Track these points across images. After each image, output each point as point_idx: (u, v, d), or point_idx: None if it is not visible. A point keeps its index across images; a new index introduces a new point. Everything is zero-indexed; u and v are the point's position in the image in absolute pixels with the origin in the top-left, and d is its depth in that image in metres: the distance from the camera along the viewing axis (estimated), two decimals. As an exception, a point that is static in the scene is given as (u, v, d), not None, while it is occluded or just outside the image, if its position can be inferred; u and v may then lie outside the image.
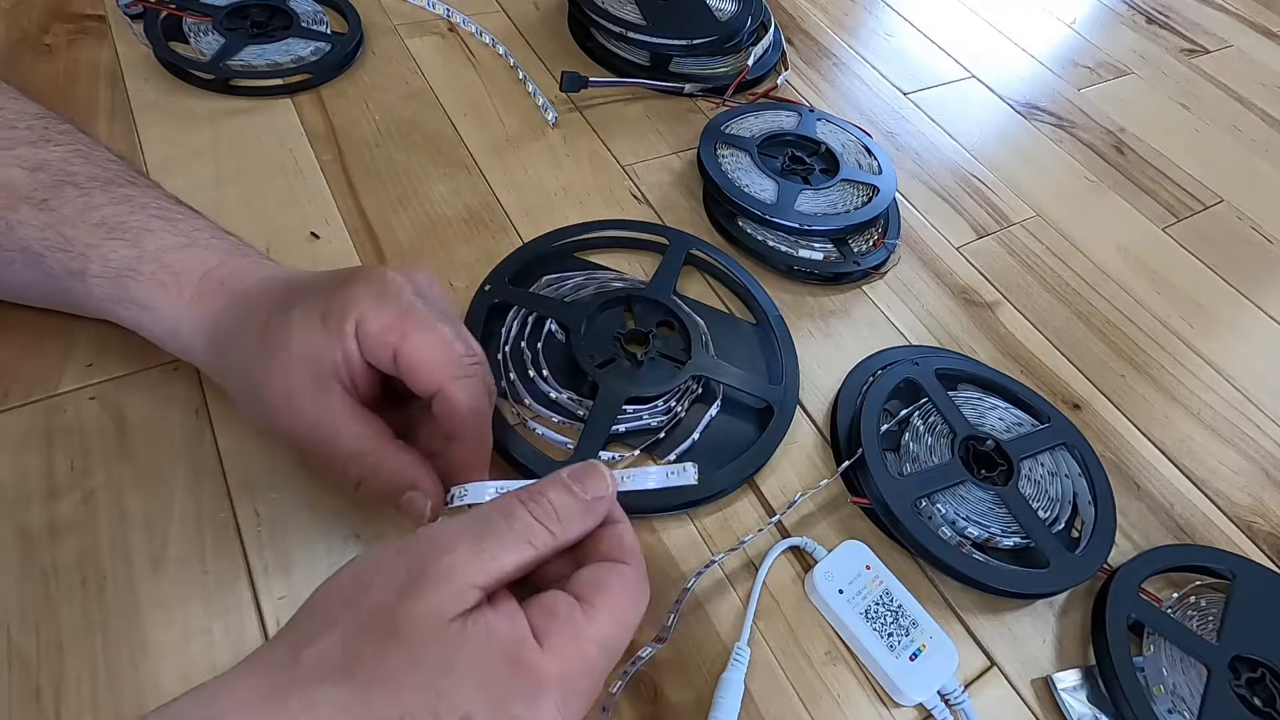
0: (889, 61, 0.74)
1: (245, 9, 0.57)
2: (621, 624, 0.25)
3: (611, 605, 0.25)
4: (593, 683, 0.24)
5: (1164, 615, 0.38)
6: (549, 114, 0.58)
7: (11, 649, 0.30)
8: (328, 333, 0.30)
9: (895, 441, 0.43)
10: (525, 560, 0.24)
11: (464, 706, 0.21)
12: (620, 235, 0.50)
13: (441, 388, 0.30)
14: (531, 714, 0.22)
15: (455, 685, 0.21)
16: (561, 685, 0.22)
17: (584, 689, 0.24)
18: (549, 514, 0.25)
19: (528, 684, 0.22)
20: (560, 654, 0.23)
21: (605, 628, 0.24)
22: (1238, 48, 0.90)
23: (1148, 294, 0.58)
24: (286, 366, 0.30)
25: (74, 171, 0.34)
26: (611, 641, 0.25)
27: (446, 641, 0.22)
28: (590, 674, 0.24)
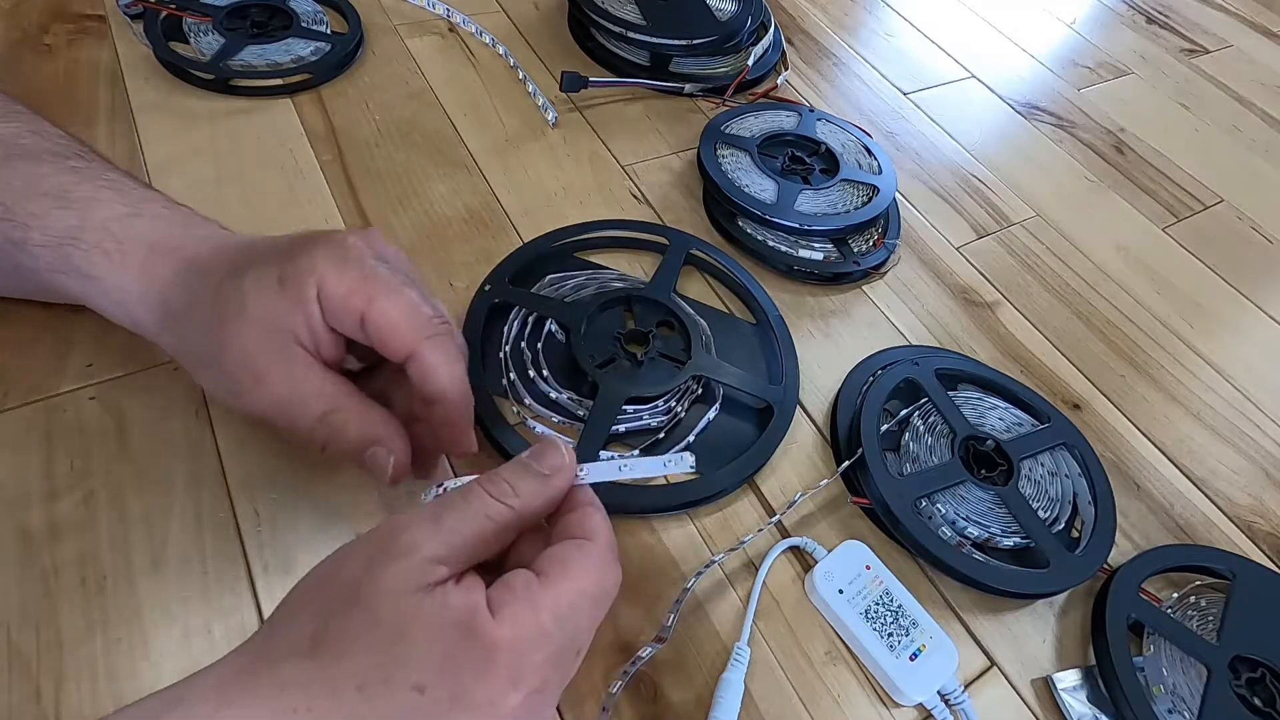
0: (889, 61, 0.74)
1: (245, 9, 0.57)
2: (582, 594, 0.24)
3: (571, 578, 0.24)
4: (550, 655, 0.23)
5: (1164, 615, 0.38)
6: (549, 114, 0.58)
7: (11, 649, 0.30)
8: (286, 297, 0.29)
9: (895, 441, 0.43)
10: (484, 533, 0.25)
11: (415, 674, 0.21)
12: (620, 235, 0.50)
13: (415, 351, 0.30)
14: (482, 682, 0.22)
15: (407, 652, 0.21)
16: (513, 653, 0.22)
17: (540, 661, 0.23)
18: (505, 490, 0.26)
19: (478, 651, 0.22)
20: (512, 621, 0.23)
21: (562, 599, 0.24)
22: (1238, 48, 0.90)
23: (1148, 294, 0.58)
24: (243, 332, 0.29)
25: (24, 144, 0.33)
26: (570, 613, 0.24)
27: (403, 612, 0.22)
28: (545, 644, 0.23)
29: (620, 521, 0.38)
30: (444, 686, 0.21)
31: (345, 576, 0.23)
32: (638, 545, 0.38)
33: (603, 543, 0.26)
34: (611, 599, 0.26)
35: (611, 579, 0.26)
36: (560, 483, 0.27)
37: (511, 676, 0.22)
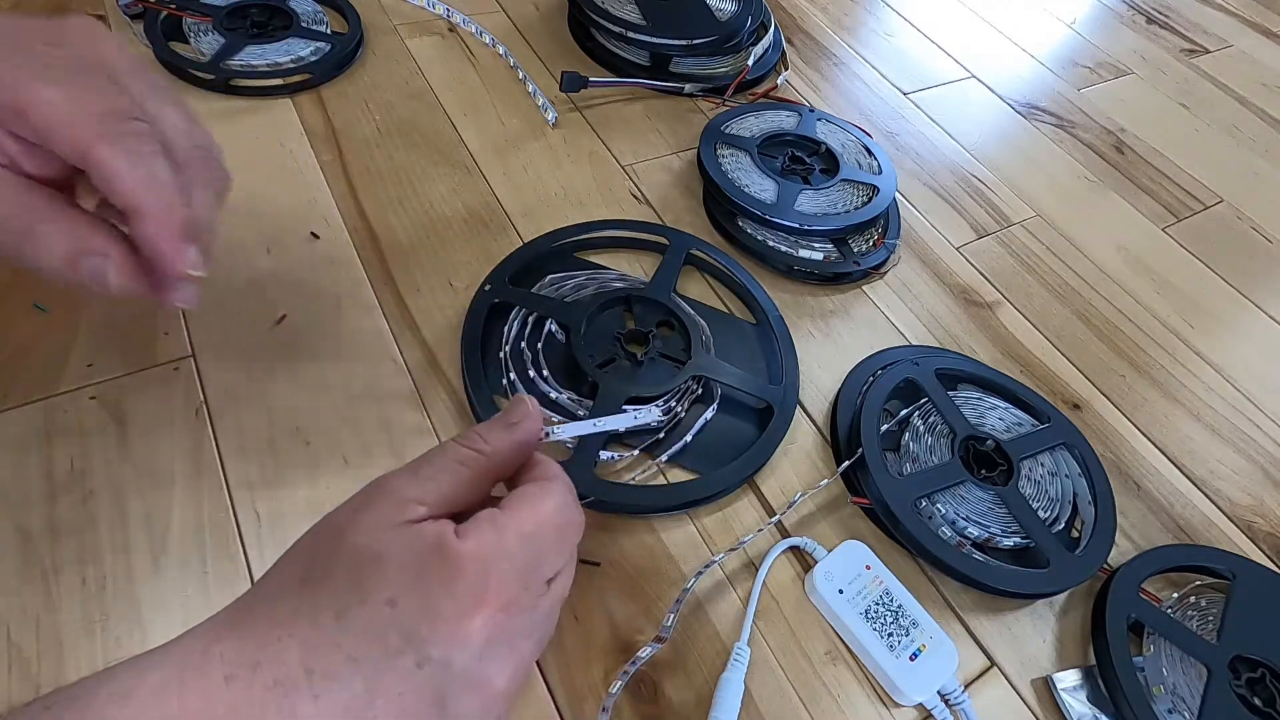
0: (889, 61, 0.74)
1: (245, 9, 0.57)
2: (540, 519, 0.25)
3: (530, 504, 0.26)
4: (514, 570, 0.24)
5: (1164, 615, 0.38)
6: (549, 114, 0.58)
7: (11, 649, 0.30)
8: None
9: (895, 441, 0.43)
10: (460, 478, 0.26)
11: (388, 591, 0.23)
12: (620, 235, 0.50)
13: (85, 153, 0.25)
14: (449, 593, 0.23)
15: (381, 572, 0.23)
16: (477, 564, 0.23)
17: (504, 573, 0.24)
18: (475, 440, 0.27)
19: (444, 565, 0.23)
20: (477, 539, 0.24)
21: (524, 522, 0.25)
22: (1238, 48, 0.90)
23: (1148, 294, 0.58)
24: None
25: None
26: (531, 534, 0.25)
27: (381, 541, 0.23)
28: (508, 559, 0.24)
29: (620, 521, 0.38)
30: (413, 599, 0.23)
31: (332, 524, 0.25)
32: (638, 545, 0.38)
33: (561, 484, 0.27)
34: (575, 534, 0.27)
35: (571, 513, 0.27)
36: (527, 429, 0.28)
37: (476, 588, 0.23)
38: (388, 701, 0.22)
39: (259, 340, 0.41)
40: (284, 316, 0.42)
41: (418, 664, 0.22)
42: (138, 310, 0.41)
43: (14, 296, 0.40)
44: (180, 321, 0.41)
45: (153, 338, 0.40)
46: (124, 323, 0.40)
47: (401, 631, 0.22)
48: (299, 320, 0.42)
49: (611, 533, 0.38)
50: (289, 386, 0.40)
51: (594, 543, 0.37)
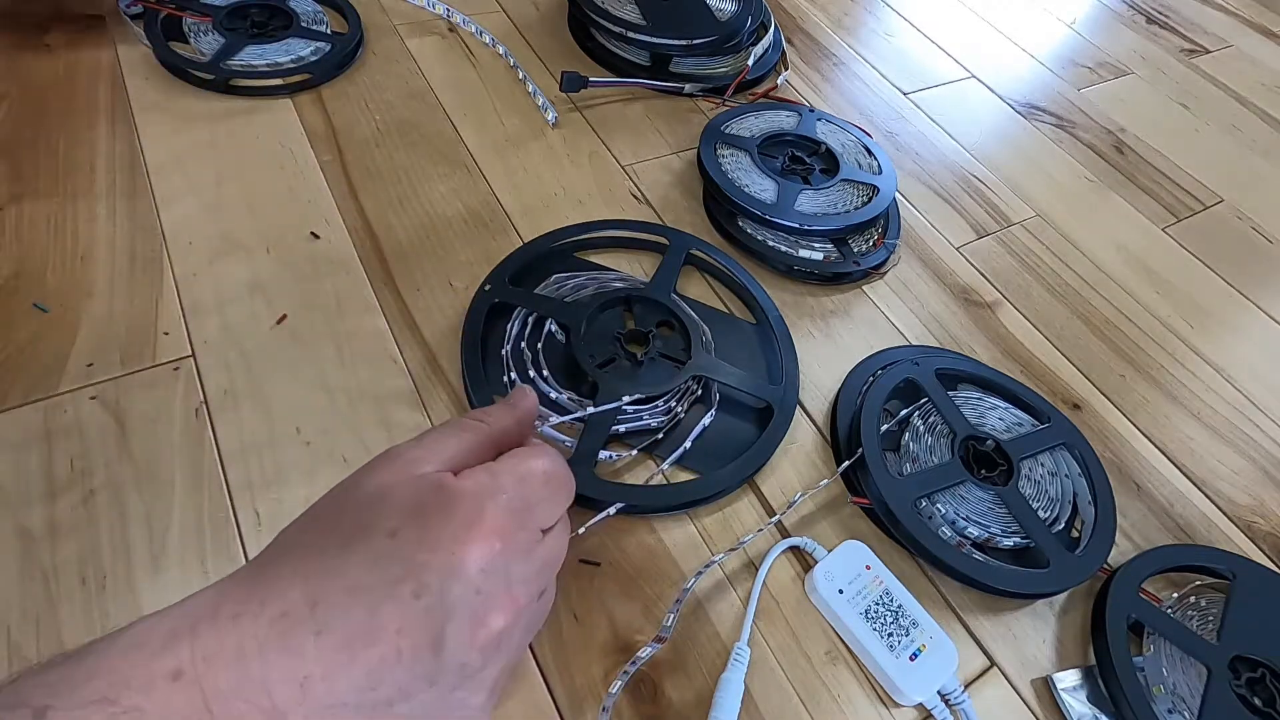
0: (889, 61, 0.74)
1: (245, 9, 0.57)
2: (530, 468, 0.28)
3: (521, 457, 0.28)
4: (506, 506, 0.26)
5: (1164, 615, 0.38)
6: (549, 114, 0.58)
7: (11, 649, 0.30)
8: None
9: (895, 441, 0.43)
10: (464, 443, 0.28)
11: (390, 522, 0.24)
12: (620, 235, 0.50)
13: None
14: (446, 522, 0.24)
15: (384, 507, 0.25)
16: (472, 498, 0.25)
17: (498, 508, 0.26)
18: (479, 413, 0.30)
19: (442, 498, 0.25)
20: (472, 478, 0.26)
21: (515, 466, 0.27)
22: (1238, 48, 0.90)
23: (1148, 294, 0.58)
24: None
25: None
26: (524, 477, 0.27)
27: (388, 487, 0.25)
28: (500, 495, 0.26)
29: (620, 521, 0.38)
30: (412, 528, 0.24)
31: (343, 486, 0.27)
32: (638, 545, 0.38)
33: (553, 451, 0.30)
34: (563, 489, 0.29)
35: (561, 469, 0.29)
36: (526, 407, 0.31)
37: (471, 517, 0.25)
38: (386, 637, 0.23)
39: (259, 340, 0.41)
40: (284, 316, 0.42)
41: (415, 593, 0.23)
42: (138, 310, 0.41)
43: (14, 296, 0.40)
44: (180, 321, 0.41)
45: (153, 338, 0.40)
46: (124, 323, 0.40)
47: (401, 559, 0.24)
48: (299, 320, 0.42)
49: (611, 533, 0.38)
50: (289, 386, 0.40)
51: (594, 543, 0.37)
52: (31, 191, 0.45)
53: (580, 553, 0.37)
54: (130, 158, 0.48)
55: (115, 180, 0.47)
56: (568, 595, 0.35)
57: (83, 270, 0.42)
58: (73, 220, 0.44)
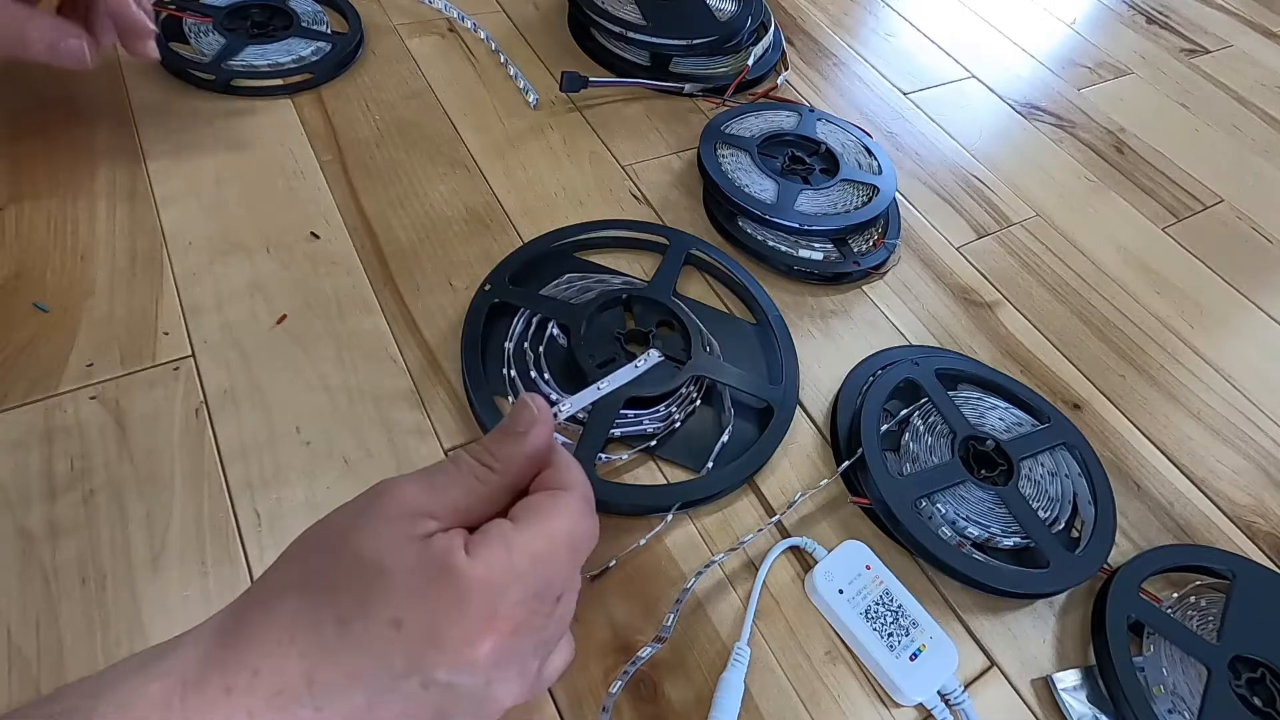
0: (889, 61, 0.74)
1: (245, 9, 0.57)
2: (553, 538, 0.25)
3: (542, 520, 0.25)
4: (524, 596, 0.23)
5: (1164, 615, 0.38)
6: (530, 96, 0.58)
7: (11, 649, 0.30)
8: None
9: (895, 441, 0.43)
10: (474, 494, 0.25)
11: (392, 609, 0.22)
12: (620, 235, 0.50)
13: None
14: (457, 619, 0.22)
15: (385, 588, 0.22)
16: (486, 590, 0.23)
17: (514, 600, 0.23)
18: (488, 454, 0.26)
19: (453, 589, 0.22)
20: (486, 562, 0.23)
21: (535, 540, 0.24)
22: (1238, 48, 0.90)
23: (1148, 294, 0.58)
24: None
25: None
26: (542, 554, 0.24)
27: (386, 551, 0.23)
28: (519, 584, 0.23)
29: (620, 521, 0.38)
30: (419, 621, 0.22)
31: (335, 525, 0.24)
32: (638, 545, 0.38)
33: (578, 493, 0.26)
34: (588, 547, 0.26)
35: (586, 526, 0.26)
36: (538, 436, 0.27)
37: (484, 614, 0.22)
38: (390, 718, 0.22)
39: (259, 340, 0.41)
40: (284, 316, 0.42)
41: (423, 685, 0.22)
42: (138, 310, 0.41)
43: (14, 296, 0.40)
44: (180, 321, 0.41)
45: (153, 338, 0.40)
46: (124, 323, 0.40)
47: (406, 655, 0.22)
48: (299, 320, 0.42)
49: (612, 533, 0.38)
50: (289, 386, 0.40)
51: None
52: (31, 191, 0.45)
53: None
54: (131, 158, 0.48)
55: (115, 180, 0.47)
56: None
57: (83, 270, 0.42)
58: (73, 220, 0.44)
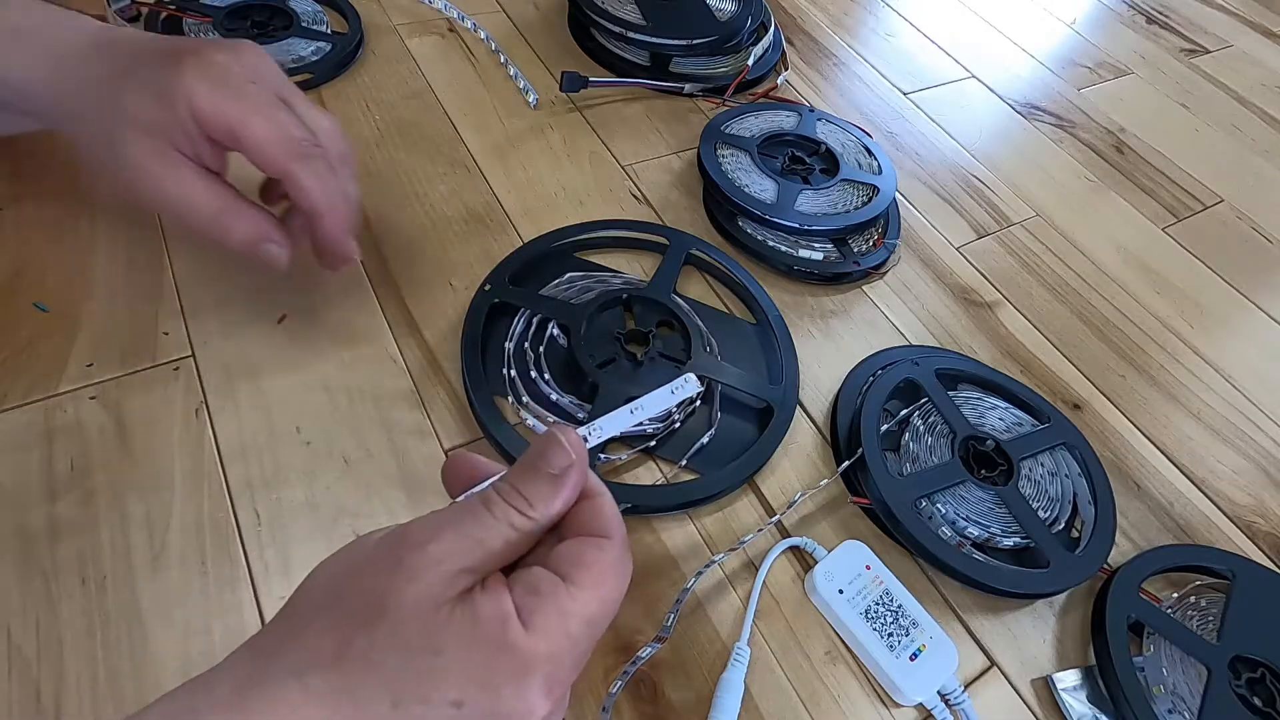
0: (889, 61, 0.74)
1: (245, 9, 0.57)
2: (605, 600, 0.24)
3: (595, 583, 0.24)
4: (577, 659, 0.24)
5: (1164, 615, 0.38)
6: (530, 95, 0.58)
7: (11, 649, 0.30)
8: (163, 109, 0.32)
9: (895, 441, 0.43)
10: (512, 541, 0.24)
11: (453, 692, 0.21)
12: (620, 235, 0.50)
13: (286, 171, 0.33)
14: (520, 693, 0.22)
15: (443, 669, 0.21)
16: (549, 664, 0.22)
17: (569, 664, 0.23)
18: (522, 500, 0.25)
19: (514, 665, 0.22)
20: (546, 634, 0.23)
21: (589, 605, 0.24)
22: (1238, 48, 0.90)
23: (1148, 294, 0.58)
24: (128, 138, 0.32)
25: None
26: (596, 618, 0.24)
27: (434, 626, 0.22)
28: (575, 650, 0.23)
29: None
30: (482, 701, 0.22)
31: (367, 586, 0.23)
32: (638, 545, 0.38)
33: (619, 540, 0.26)
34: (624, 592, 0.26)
35: (628, 576, 0.26)
36: (574, 479, 0.26)
37: (547, 685, 0.22)
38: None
39: (259, 340, 0.41)
40: (284, 316, 0.42)
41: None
42: (138, 310, 0.41)
43: (14, 296, 0.40)
44: (180, 321, 0.41)
45: (153, 338, 0.40)
46: (124, 323, 0.40)
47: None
48: (299, 320, 0.42)
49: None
50: (289, 386, 0.40)
51: (594, 543, 0.37)
52: (32, 192, 0.45)
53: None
54: (130, 158, 0.48)
55: (115, 180, 0.47)
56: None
57: (83, 270, 0.42)
58: (73, 220, 0.44)
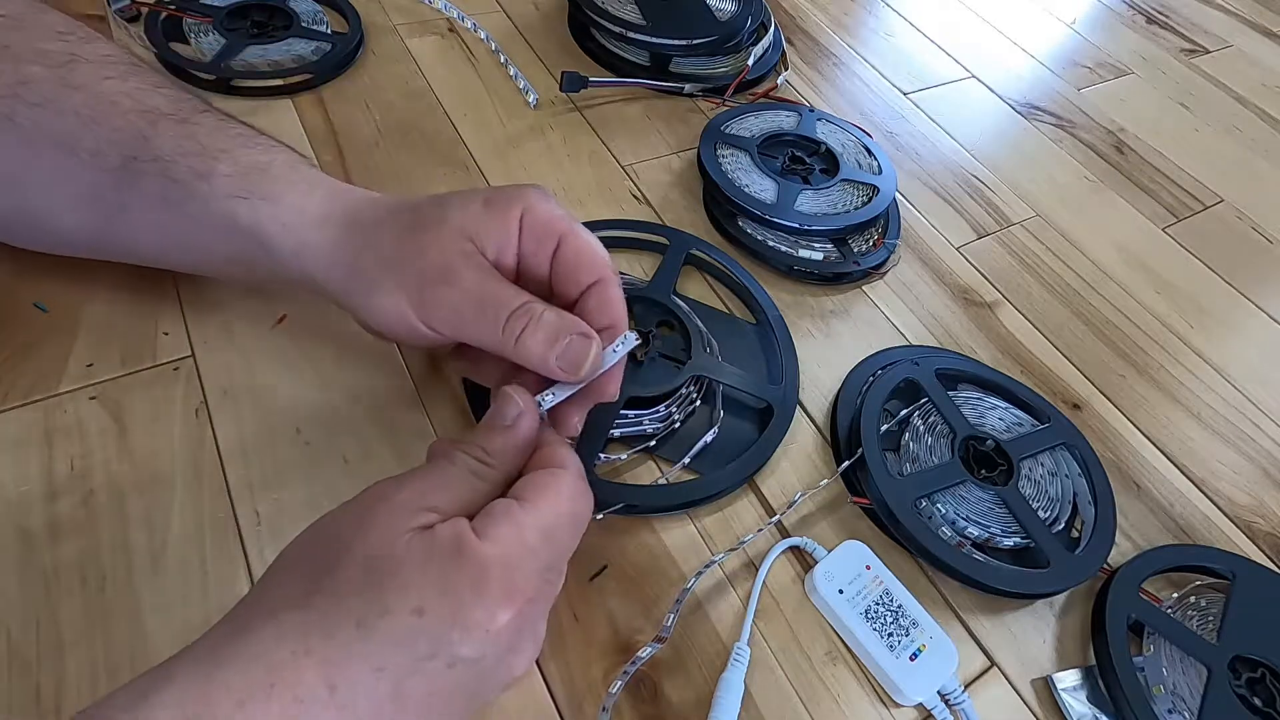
0: (889, 61, 0.74)
1: (245, 9, 0.57)
2: (560, 514, 0.26)
3: (548, 499, 0.26)
4: (537, 569, 0.25)
5: (1164, 615, 0.38)
6: (530, 96, 0.58)
7: (11, 649, 0.30)
8: (492, 215, 0.32)
9: (895, 441, 0.43)
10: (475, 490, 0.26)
11: (413, 599, 0.23)
12: (620, 235, 0.50)
13: (604, 278, 0.33)
14: (478, 599, 0.23)
15: (403, 582, 0.23)
16: (504, 568, 0.24)
17: (529, 574, 0.24)
18: (481, 450, 0.27)
19: (470, 570, 0.23)
20: (499, 541, 0.24)
21: (543, 517, 0.25)
22: (1238, 48, 0.90)
23: (1148, 294, 0.58)
24: (445, 239, 0.31)
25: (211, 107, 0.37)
26: (551, 530, 0.26)
27: (395, 551, 0.23)
28: (532, 559, 0.25)
29: (620, 521, 0.38)
30: (443, 606, 0.23)
31: (334, 534, 0.24)
32: (638, 545, 0.38)
33: (574, 470, 0.28)
34: (586, 523, 0.28)
35: (585, 503, 0.28)
36: (525, 427, 0.28)
37: (504, 591, 0.23)
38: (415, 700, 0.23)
39: (259, 340, 0.41)
40: (284, 317, 0.42)
41: (448, 665, 0.23)
42: (138, 310, 0.41)
43: (14, 296, 0.40)
44: (180, 321, 0.41)
45: (153, 338, 0.40)
46: (124, 323, 0.40)
47: (431, 638, 0.23)
48: (299, 320, 0.42)
49: (612, 533, 0.38)
50: (289, 386, 0.40)
51: (595, 542, 0.37)
52: (31, 191, 0.45)
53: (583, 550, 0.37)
54: (130, 158, 0.48)
55: (115, 180, 0.46)
56: (568, 594, 0.35)
57: (83, 270, 0.42)
58: (73, 220, 0.44)
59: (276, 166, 0.34)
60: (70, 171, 0.33)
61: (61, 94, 0.33)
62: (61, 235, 0.37)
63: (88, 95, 0.34)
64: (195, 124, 0.35)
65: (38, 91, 0.33)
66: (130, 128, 0.34)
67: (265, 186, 0.34)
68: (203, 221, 0.34)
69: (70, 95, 0.34)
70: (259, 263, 0.34)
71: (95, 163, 0.33)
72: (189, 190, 0.34)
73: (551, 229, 0.32)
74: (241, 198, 0.33)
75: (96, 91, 0.34)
